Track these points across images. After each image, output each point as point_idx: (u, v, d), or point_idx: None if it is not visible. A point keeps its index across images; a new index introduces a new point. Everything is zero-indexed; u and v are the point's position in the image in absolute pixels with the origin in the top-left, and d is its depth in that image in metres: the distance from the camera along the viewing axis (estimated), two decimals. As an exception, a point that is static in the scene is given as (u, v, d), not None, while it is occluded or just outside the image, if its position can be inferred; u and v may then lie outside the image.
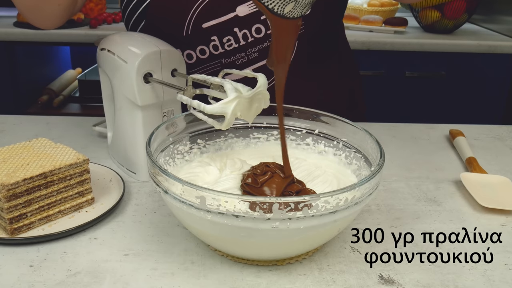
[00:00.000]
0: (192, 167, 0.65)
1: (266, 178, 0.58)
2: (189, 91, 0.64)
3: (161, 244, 0.59)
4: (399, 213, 0.67)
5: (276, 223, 0.47)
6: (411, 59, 1.95)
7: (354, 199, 0.50)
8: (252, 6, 0.80)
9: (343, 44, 0.99)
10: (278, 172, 0.59)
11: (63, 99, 2.10)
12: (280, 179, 0.58)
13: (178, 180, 0.50)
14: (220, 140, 0.70)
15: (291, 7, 0.49)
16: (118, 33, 0.75)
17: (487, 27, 2.21)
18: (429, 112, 1.98)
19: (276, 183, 0.58)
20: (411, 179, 0.76)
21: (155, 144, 0.60)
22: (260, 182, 0.57)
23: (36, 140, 0.67)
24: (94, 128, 0.87)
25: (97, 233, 0.60)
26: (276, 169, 0.59)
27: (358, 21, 2.06)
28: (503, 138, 0.94)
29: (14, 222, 0.58)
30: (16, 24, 1.93)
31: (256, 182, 0.58)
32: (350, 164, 0.65)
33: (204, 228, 0.52)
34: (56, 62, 2.32)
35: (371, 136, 0.61)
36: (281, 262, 0.56)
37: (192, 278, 0.53)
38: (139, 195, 0.69)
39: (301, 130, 0.70)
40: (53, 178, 0.60)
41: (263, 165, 0.60)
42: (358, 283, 0.53)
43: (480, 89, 2.00)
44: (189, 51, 0.84)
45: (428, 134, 0.95)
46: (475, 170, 0.77)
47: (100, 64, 0.76)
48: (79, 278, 0.52)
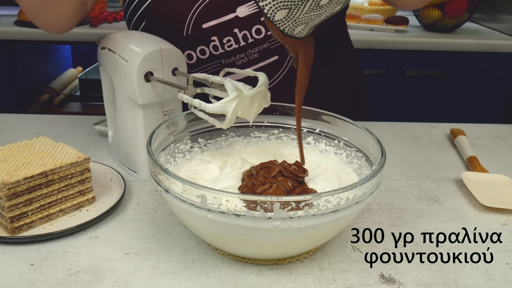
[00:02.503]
0: (193, 165, 0.65)
1: (265, 188, 0.57)
2: (190, 90, 0.64)
3: (162, 243, 0.59)
4: (400, 212, 0.67)
5: (277, 222, 0.47)
6: (412, 58, 1.94)
7: (355, 198, 0.50)
8: (252, 7, 0.80)
9: (345, 42, 0.99)
10: (277, 183, 0.57)
11: (63, 98, 2.10)
12: (280, 190, 0.57)
13: (179, 179, 0.50)
14: (221, 139, 0.70)
15: (300, 28, 0.50)
16: (119, 32, 0.75)
17: (488, 26, 2.20)
18: (430, 111, 1.98)
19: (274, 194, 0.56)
20: (412, 178, 0.76)
21: (156, 143, 0.60)
22: (258, 192, 0.57)
23: (37, 139, 0.67)
24: (95, 127, 0.87)
25: (98, 232, 0.60)
26: (275, 180, 0.58)
27: (359, 20, 2.06)
28: (504, 137, 0.94)
29: (15, 221, 0.58)
30: (16, 23, 1.93)
31: (254, 192, 0.57)
32: (351, 163, 0.65)
33: (205, 227, 0.52)
34: (57, 61, 2.32)
35: (372, 135, 0.61)
36: (282, 261, 0.56)
37: (193, 277, 0.53)
38: (140, 194, 0.69)
39: (302, 129, 0.69)
40: (54, 177, 0.60)
41: (263, 176, 0.58)
42: (359, 282, 0.53)
43: (481, 88, 2.00)
44: (189, 52, 0.84)
45: (429, 133, 0.95)
46: (476, 169, 0.77)
47: (101, 63, 0.76)
48: (80, 277, 0.52)
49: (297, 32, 0.50)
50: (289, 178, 0.58)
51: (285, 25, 0.49)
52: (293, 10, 0.47)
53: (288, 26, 0.49)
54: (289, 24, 0.49)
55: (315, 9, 0.48)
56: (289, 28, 0.49)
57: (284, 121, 0.70)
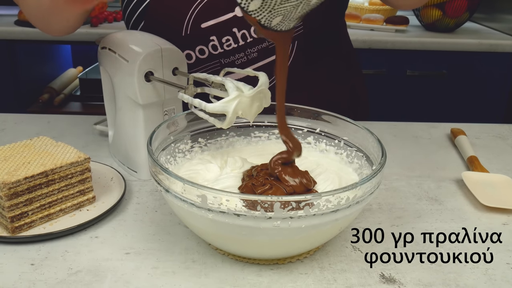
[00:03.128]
0: (193, 164, 0.65)
1: (266, 189, 0.57)
2: (190, 90, 0.64)
3: (162, 243, 0.59)
4: (400, 212, 0.67)
5: (277, 222, 0.47)
6: (412, 57, 1.94)
7: (356, 198, 0.50)
8: None
9: (345, 42, 0.99)
10: (277, 184, 0.57)
11: (64, 97, 2.10)
12: (280, 191, 0.57)
13: (179, 179, 0.50)
14: (221, 139, 0.70)
15: (278, 20, 0.49)
16: (119, 32, 0.75)
17: (488, 26, 2.20)
18: (430, 110, 1.98)
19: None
20: (413, 178, 0.76)
21: (156, 142, 0.60)
22: (258, 193, 0.57)
23: (37, 138, 0.67)
24: (95, 126, 0.87)
25: (98, 232, 0.60)
26: (276, 181, 0.57)
27: (359, 19, 2.06)
28: (504, 137, 0.94)
29: (15, 221, 0.58)
30: (17, 22, 1.93)
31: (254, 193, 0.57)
32: (352, 163, 0.65)
33: (205, 227, 0.52)
34: (57, 60, 2.32)
35: (372, 135, 0.61)
36: (282, 261, 0.55)
37: (193, 277, 0.53)
38: (140, 194, 0.69)
39: (302, 129, 0.69)
40: (54, 176, 0.60)
41: (263, 177, 0.58)
42: (359, 282, 0.53)
43: (482, 87, 2.00)
44: (188, 51, 0.84)
45: (430, 133, 0.95)
46: (476, 169, 0.77)
47: (101, 62, 0.76)
48: (80, 277, 0.52)
49: (275, 24, 0.50)
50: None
51: (261, 16, 0.48)
52: (267, 0, 0.47)
53: (264, 16, 0.49)
54: (265, 15, 0.48)
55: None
56: (265, 19, 0.49)
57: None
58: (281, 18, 0.49)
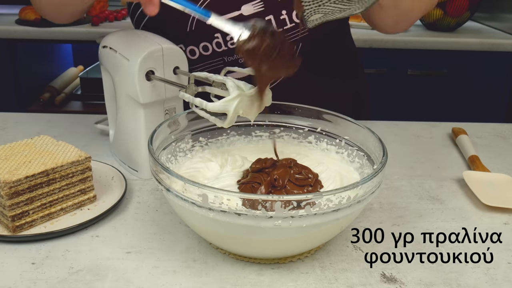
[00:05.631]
0: (193, 163, 0.65)
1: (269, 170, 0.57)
2: (191, 89, 0.64)
3: (163, 242, 0.59)
4: (401, 211, 0.67)
5: (278, 221, 0.47)
6: (414, 57, 1.94)
7: (357, 197, 0.50)
8: (257, 6, 0.80)
9: (349, 45, 0.99)
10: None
11: (65, 96, 2.10)
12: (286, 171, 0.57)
13: (180, 178, 0.50)
14: (222, 138, 0.70)
15: (317, 17, 0.50)
16: (120, 31, 0.75)
17: (489, 25, 2.20)
18: (431, 110, 1.98)
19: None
20: (414, 178, 0.76)
21: (157, 142, 0.60)
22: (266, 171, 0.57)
23: (38, 137, 0.67)
24: (96, 125, 0.87)
25: (99, 231, 0.60)
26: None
27: (360, 19, 2.06)
28: (505, 136, 0.93)
29: (16, 220, 0.58)
30: (18, 21, 1.93)
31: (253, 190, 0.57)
32: (353, 162, 0.65)
33: (206, 226, 0.52)
34: (58, 59, 2.32)
35: (373, 134, 0.61)
36: (283, 260, 0.55)
37: (194, 276, 0.53)
38: (141, 193, 0.69)
39: (304, 128, 0.69)
40: (55, 175, 0.60)
41: (262, 175, 0.59)
42: (360, 281, 0.53)
43: (483, 87, 2.00)
44: (192, 47, 0.84)
45: (431, 132, 0.95)
46: (477, 169, 0.77)
47: (102, 61, 0.76)
48: (81, 276, 0.52)
49: (312, 20, 0.50)
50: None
51: (309, 7, 0.49)
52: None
53: (311, 8, 0.49)
54: (312, 7, 0.49)
55: (343, 1, 0.48)
56: (310, 11, 0.49)
57: (285, 120, 0.70)
58: (321, 16, 0.50)
